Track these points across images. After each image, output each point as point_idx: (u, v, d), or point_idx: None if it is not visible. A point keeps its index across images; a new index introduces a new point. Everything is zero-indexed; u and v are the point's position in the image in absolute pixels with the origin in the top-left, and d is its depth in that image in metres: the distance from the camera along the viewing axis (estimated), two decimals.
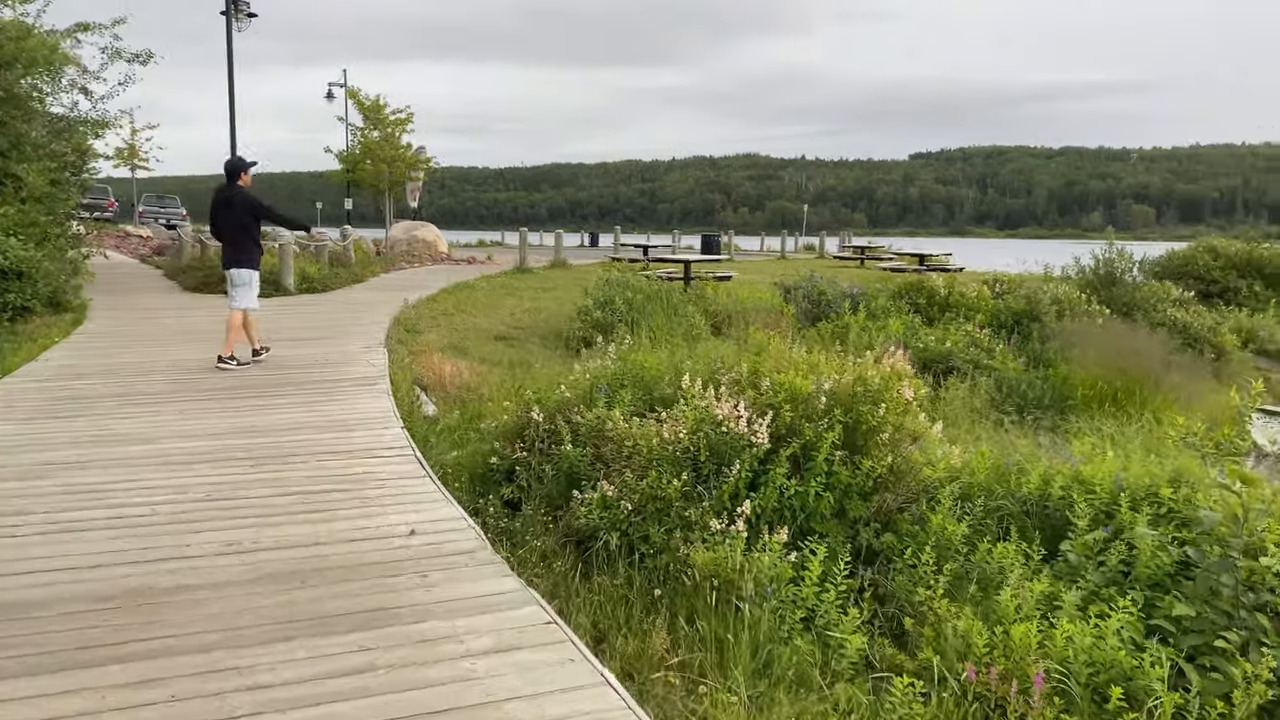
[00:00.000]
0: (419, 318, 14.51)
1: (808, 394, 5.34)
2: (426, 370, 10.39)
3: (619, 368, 6.70)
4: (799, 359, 5.94)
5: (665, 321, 13.23)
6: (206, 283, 17.30)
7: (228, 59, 19.67)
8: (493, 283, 20.74)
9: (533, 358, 12.26)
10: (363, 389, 8.24)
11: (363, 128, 25.26)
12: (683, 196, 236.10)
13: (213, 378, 8.63)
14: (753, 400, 5.44)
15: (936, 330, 14.08)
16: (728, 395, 5.40)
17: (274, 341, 11.06)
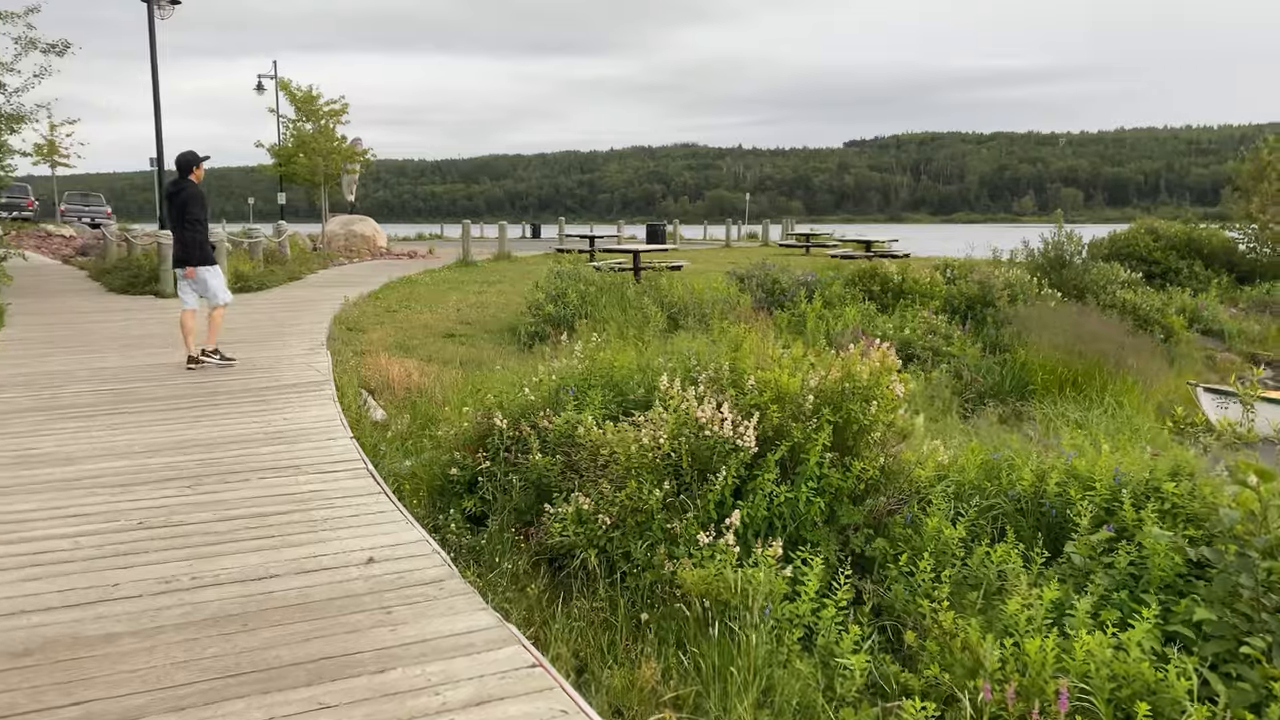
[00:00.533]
0: (361, 315, 13.92)
1: (795, 393, 4.98)
2: (373, 372, 9.86)
3: (586, 368, 6.28)
4: (781, 355, 5.57)
5: (620, 314, 12.83)
6: (133, 283, 16.48)
7: (150, 49, 18.76)
8: (436, 277, 20.15)
9: (484, 355, 11.79)
10: (307, 395, 7.71)
11: (295, 120, 24.35)
12: (622, 186, 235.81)
13: (145, 387, 8.02)
14: (735, 401, 5.06)
15: (893, 318, 13.87)
16: (709, 396, 5.01)
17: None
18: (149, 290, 16.03)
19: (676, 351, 6.44)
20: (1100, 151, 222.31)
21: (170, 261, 15.96)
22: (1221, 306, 19.79)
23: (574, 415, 5.51)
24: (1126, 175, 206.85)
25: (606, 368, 6.19)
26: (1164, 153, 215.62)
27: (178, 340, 10.74)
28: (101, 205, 40.74)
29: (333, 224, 27.43)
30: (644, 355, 6.57)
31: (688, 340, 7.46)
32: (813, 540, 4.92)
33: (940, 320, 13.91)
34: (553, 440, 5.47)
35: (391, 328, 13.15)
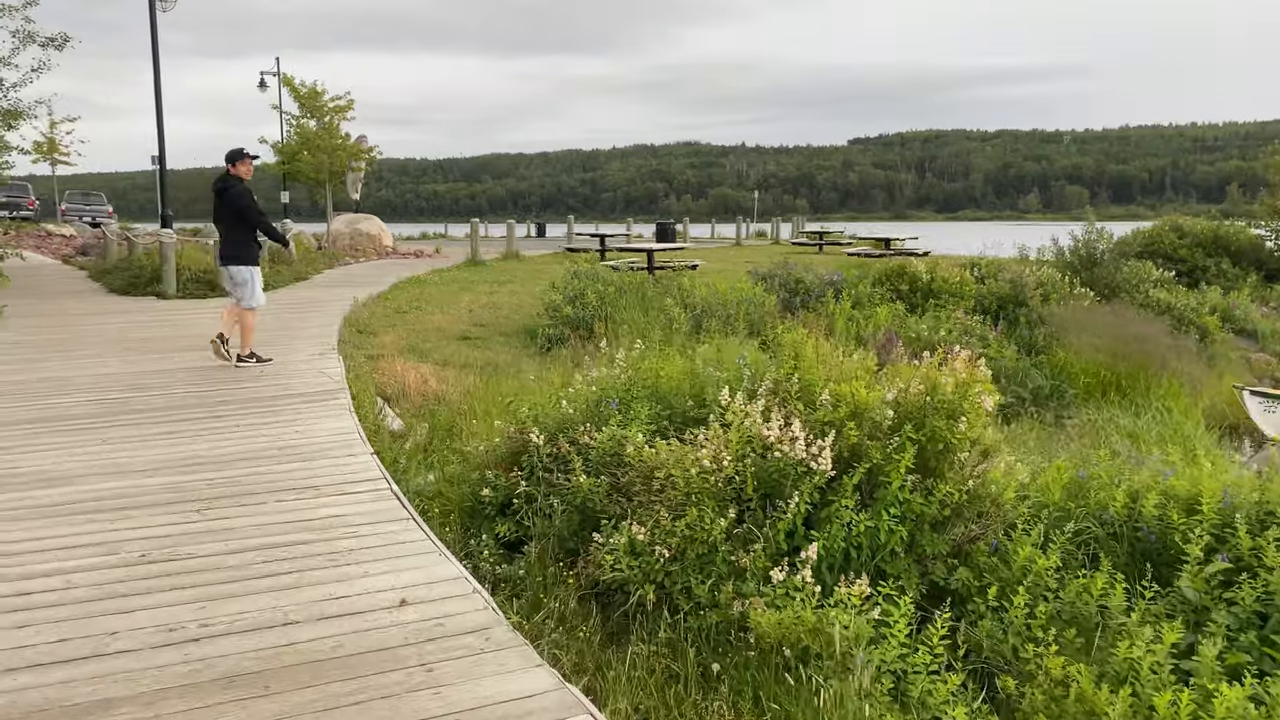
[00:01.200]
0: (371, 317, 13.40)
1: (873, 408, 4.45)
2: (388, 378, 9.34)
3: (628, 378, 5.74)
4: (854, 364, 5.04)
5: (641, 316, 12.31)
6: (134, 284, 15.96)
7: (152, 43, 18.25)
8: (445, 277, 19.62)
9: (501, 359, 11.28)
10: (320, 405, 7.18)
11: (299, 117, 23.84)
12: (625, 185, 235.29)
13: (146, 395, 7.50)
14: (804, 416, 4.53)
15: (925, 318, 13.33)
16: (775, 411, 4.49)
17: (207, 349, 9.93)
18: (150, 291, 15.51)
19: (727, 360, 5.90)
20: (1105, 149, 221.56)
21: (172, 261, 15.53)
22: (1253, 305, 19.27)
23: (619, 431, 4.98)
24: (1131, 173, 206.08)
25: (651, 377, 5.66)
26: (1169, 150, 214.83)
27: (181, 344, 10.26)
28: (103, 204, 40.26)
29: (337, 223, 26.91)
30: (691, 363, 6.03)
31: (736, 346, 6.91)
32: (893, 573, 4.40)
33: (974, 321, 13.38)
34: (595, 459, 4.94)
35: (403, 330, 12.64)
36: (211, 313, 13.34)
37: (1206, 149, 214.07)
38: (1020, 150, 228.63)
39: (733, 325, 12.38)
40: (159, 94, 19.39)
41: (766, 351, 7.36)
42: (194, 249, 17.24)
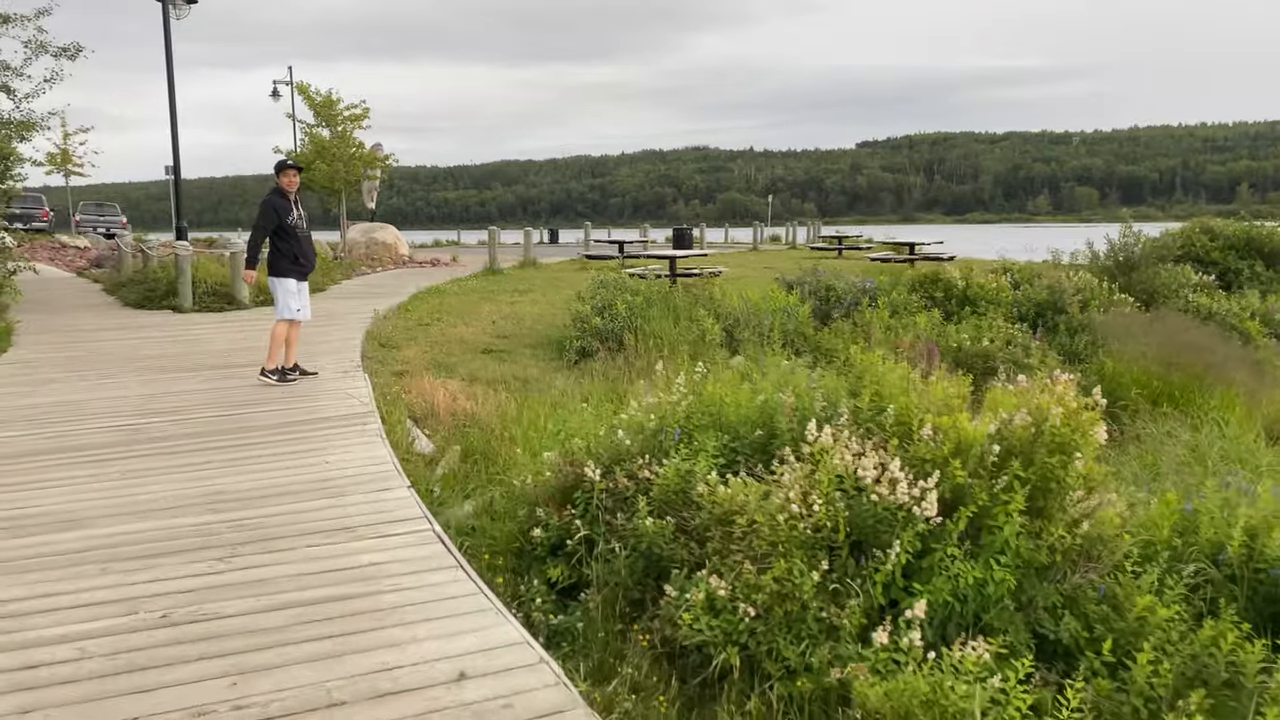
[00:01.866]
0: (393, 330, 12.98)
1: (978, 443, 3.98)
2: (415, 396, 8.91)
3: (689, 405, 5.27)
4: (944, 390, 4.56)
5: (671, 327, 11.86)
6: (150, 297, 15.57)
7: (165, 50, 17.89)
8: (464, 287, 19.21)
9: (529, 373, 10.85)
10: (350, 430, 6.74)
11: (314, 125, 23.46)
12: (634, 190, 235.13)
13: (166, 422, 7.07)
14: (897, 452, 4.07)
15: (965, 327, 12.83)
16: (868, 447, 4.02)
17: (233, 367, 9.51)
18: (166, 305, 15.12)
19: (796, 384, 5.43)
20: (1114, 150, 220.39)
21: (188, 274, 15.14)
22: None
23: (684, 465, 4.53)
24: (1141, 173, 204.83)
25: (714, 404, 5.19)
26: (1179, 150, 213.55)
27: (198, 361, 9.86)
28: (117, 215, 40.01)
29: (353, 232, 26.54)
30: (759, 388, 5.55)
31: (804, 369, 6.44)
32: (999, 626, 3.93)
33: (1016, 329, 12.89)
34: (657, 496, 4.49)
35: (426, 343, 12.22)
36: (228, 327, 12.95)
37: (1216, 149, 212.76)
38: (1029, 152, 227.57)
39: (767, 336, 11.92)
40: (173, 101, 19.04)
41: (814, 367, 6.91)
42: (209, 261, 16.86)
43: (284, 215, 8.76)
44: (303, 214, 9.05)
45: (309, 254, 9.03)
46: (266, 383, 8.55)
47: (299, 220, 8.93)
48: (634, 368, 11.10)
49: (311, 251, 9.12)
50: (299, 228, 8.92)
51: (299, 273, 8.97)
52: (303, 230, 9.00)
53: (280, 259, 8.80)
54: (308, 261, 8.97)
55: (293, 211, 8.85)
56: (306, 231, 9.06)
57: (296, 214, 8.91)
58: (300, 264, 8.90)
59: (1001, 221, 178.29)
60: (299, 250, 8.87)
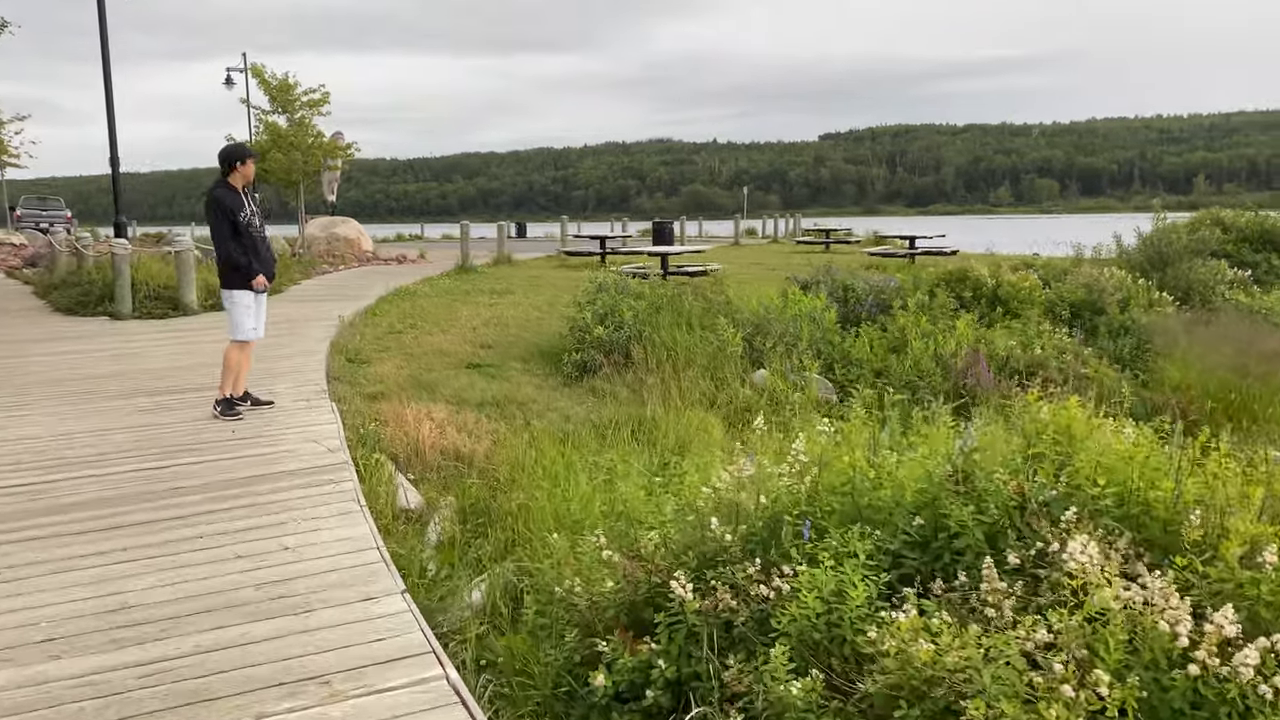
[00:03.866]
0: (362, 340, 11.36)
1: None
2: (395, 429, 7.34)
3: (813, 481, 3.73)
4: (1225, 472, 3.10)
5: (686, 337, 10.36)
6: (83, 302, 13.81)
7: (100, 25, 16.05)
8: (437, 287, 17.57)
9: (524, 393, 9.32)
10: (315, 491, 5.15)
11: (269, 111, 21.64)
12: (597, 183, 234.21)
13: (74, 477, 5.44)
14: (1181, 575, 2.59)
15: (1009, 331, 11.45)
16: (1147, 573, 2.54)
17: (172, 392, 7.86)
18: (101, 310, 13.38)
19: (935, 443, 3.94)
20: (1074, 141, 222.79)
21: (126, 276, 13.39)
22: None
23: (827, 579, 3.01)
24: (1100, 165, 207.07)
25: (842, 477, 3.66)
26: (1136, 142, 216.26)
27: (131, 384, 8.20)
28: (60, 209, 37.65)
29: (312, 226, 24.74)
30: (931, 452, 4.04)
31: (943, 427, 4.96)
32: None
33: (1065, 336, 11.53)
34: (789, 628, 2.99)
35: (400, 356, 10.62)
36: (170, 337, 11.26)
37: (1172, 140, 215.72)
38: (990, 144, 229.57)
39: (793, 348, 10.45)
40: (109, 89, 17.16)
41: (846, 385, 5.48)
42: (152, 260, 15.08)
43: (236, 211, 7.03)
44: (257, 210, 7.30)
45: (267, 259, 7.31)
46: (214, 417, 6.94)
47: (251, 216, 7.14)
48: (645, 385, 9.60)
49: (270, 256, 7.40)
50: (254, 226, 7.16)
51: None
52: (258, 230, 7.24)
53: (233, 270, 7.11)
54: (264, 265, 7.27)
55: (245, 207, 7.10)
56: (262, 231, 7.33)
57: (250, 210, 7.14)
58: (255, 268, 7.23)
59: (964, 213, 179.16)
60: (253, 251, 7.15)
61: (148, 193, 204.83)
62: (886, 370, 10.70)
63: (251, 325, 7.25)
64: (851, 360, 10.87)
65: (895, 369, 10.35)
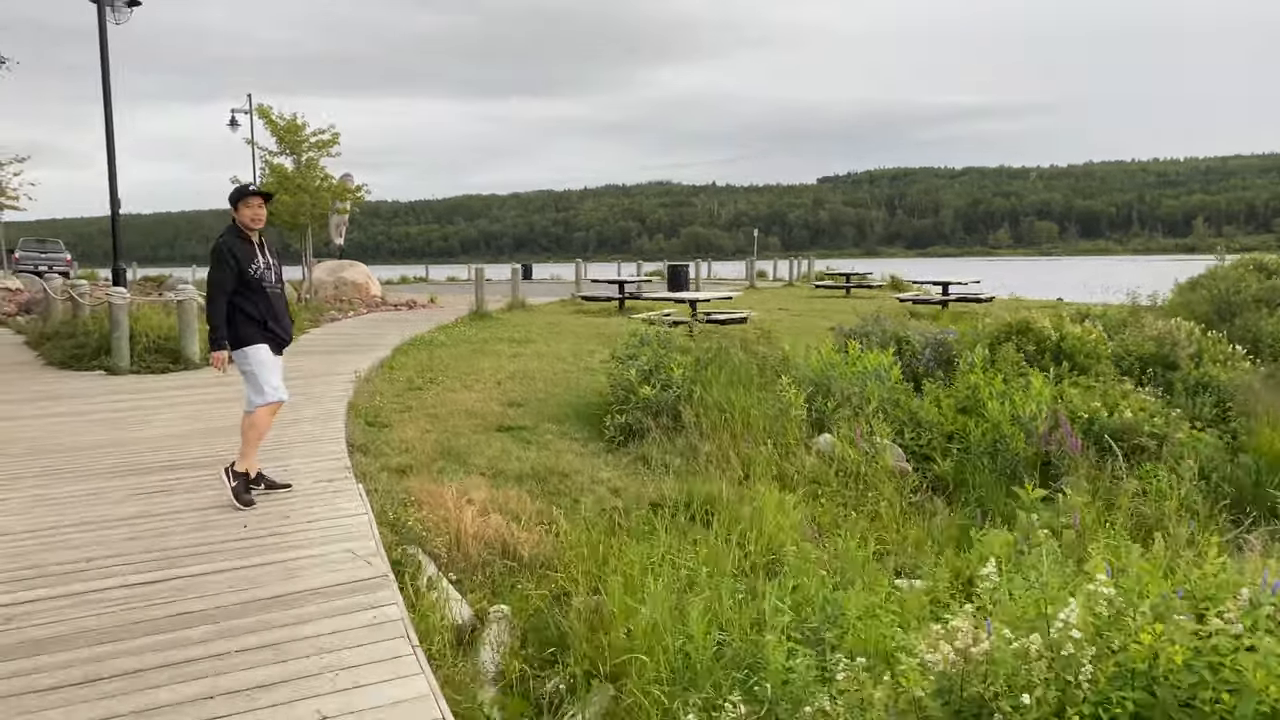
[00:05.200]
0: (381, 400, 10.38)
1: None
2: (429, 512, 6.33)
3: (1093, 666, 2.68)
4: None
5: (742, 397, 9.36)
6: (78, 355, 12.84)
7: (101, 57, 15.22)
8: (453, 335, 16.61)
9: (565, 462, 8.33)
10: (351, 623, 4.06)
11: (276, 152, 20.81)
12: (597, 224, 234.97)
13: (43, 602, 4.42)
14: None
15: (1090, 392, 10.46)
16: None
17: (172, 469, 6.84)
18: (97, 364, 12.41)
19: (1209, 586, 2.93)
20: (1071, 184, 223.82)
21: (124, 327, 12.43)
22: None
23: None
24: (1098, 208, 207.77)
25: (1138, 660, 2.62)
26: (1134, 185, 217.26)
27: (128, 460, 7.17)
28: (60, 252, 36.62)
29: (319, 270, 23.83)
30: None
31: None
32: None
33: (1152, 397, 10.55)
34: None
35: (424, 418, 9.63)
36: (172, 396, 10.26)
37: (1170, 184, 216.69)
38: (988, 186, 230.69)
39: (860, 409, 9.47)
40: (110, 128, 16.33)
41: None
42: (152, 310, 14.14)
43: (245, 262, 6.01)
44: (273, 261, 6.27)
45: (283, 315, 6.26)
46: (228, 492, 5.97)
47: (265, 270, 6.14)
48: (701, 453, 8.60)
49: (285, 312, 6.35)
50: (266, 280, 6.14)
51: (272, 340, 6.21)
52: (271, 283, 6.19)
53: (245, 323, 6.04)
54: (281, 326, 6.22)
55: (257, 258, 6.10)
56: (278, 285, 6.30)
57: (263, 261, 6.14)
58: (271, 329, 6.16)
59: (963, 255, 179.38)
60: (267, 310, 6.14)
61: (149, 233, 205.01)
62: (961, 435, 9.72)
63: (275, 382, 6.18)
64: (920, 423, 9.89)
65: (974, 434, 9.35)
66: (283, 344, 6.28)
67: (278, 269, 6.33)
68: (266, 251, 6.24)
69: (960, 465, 9.33)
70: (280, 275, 6.37)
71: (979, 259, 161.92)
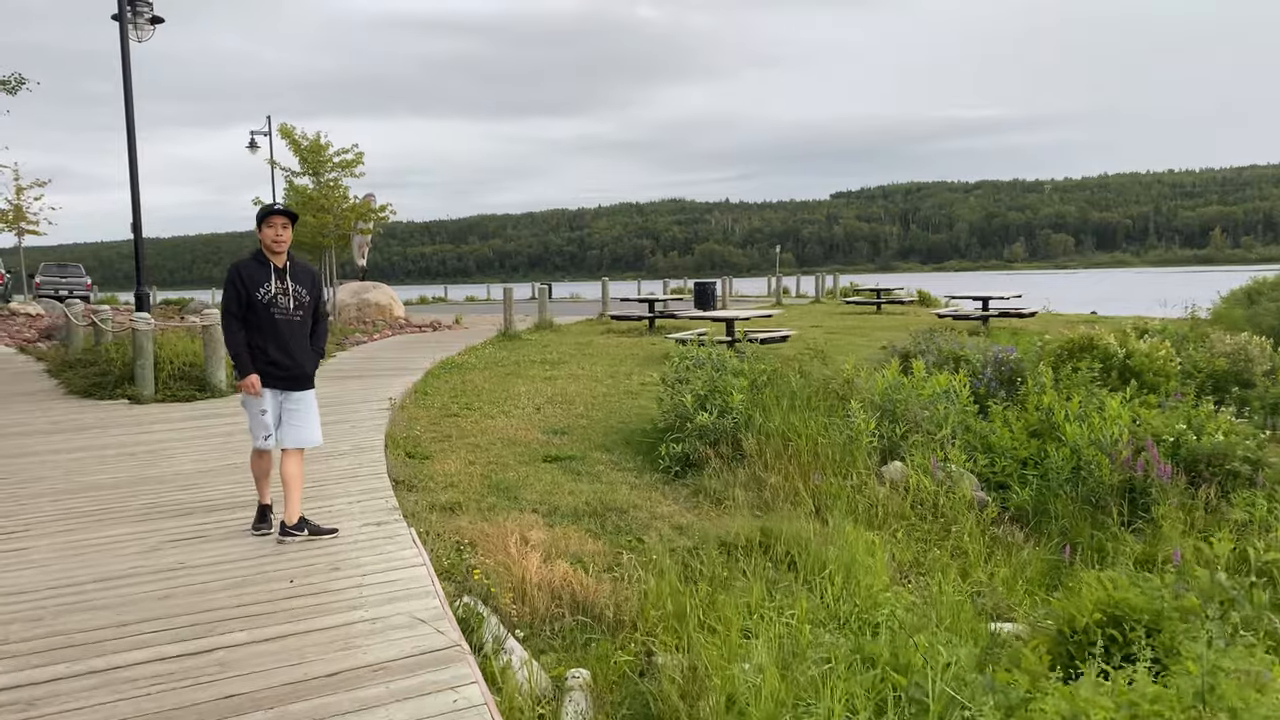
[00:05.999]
0: (418, 428, 9.85)
1: None
2: (485, 555, 5.76)
3: None
4: None
5: (803, 422, 8.76)
6: (100, 384, 12.36)
7: (124, 77, 14.82)
8: (484, 357, 16.09)
9: (621, 495, 7.76)
10: (424, 710, 3.51)
11: (300, 173, 20.39)
12: (611, 243, 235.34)
13: (77, 675, 3.87)
14: None
15: (1174, 414, 9.81)
16: None
17: (208, 510, 6.29)
18: (120, 393, 11.92)
19: None
20: (1086, 197, 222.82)
21: (149, 354, 11.95)
22: None
23: None
24: (1114, 219, 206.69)
25: None
26: (1150, 197, 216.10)
27: (154, 502, 6.62)
28: (81, 276, 36.23)
29: (342, 292, 23.39)
30: None
31: None
32: None
33: (1229, 415, 9.89)
34: None
35: (465, 448, 9.08)
36: (199, 427, 9.75)
37: (1186, 195, 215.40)
38: (1002, 200, 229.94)
39: (932, 434, 8.86)
40: (133, 149, 15.91)
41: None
42: (176, 336, 13.66)
43: (252, 286, 5.57)
44: (294, 287, 5.72)
45: (290, 346, 5.70)
46: (294, 541, 5.55)
47: (278, 295, 5.63)
48: (767, 486, 8.00)
49: (301, 344, 5.79)
50: (277, 305, 5.62)
51: (274, 373, 5.69)
52: (285, 310, 5.66)
53: (242, 353, 5.63)
54: (286, 357, 5.68)
55: (269, 282, 5.62)
56: (291, 311, 5.71)
57: (277, 286, 5.63)
58: (273, 359, 5.64)
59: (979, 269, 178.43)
60: (273, 338, 5.62)
61: (169, 257, 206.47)
62: (1036, 460, 9.09)
63: (264, 433, 5.72)
64: (991, 448, 9.27)
65: (1054, 460, 8.71)
66: (292, 377, 5.74)
67: (302, 296, 5.77)
68: (290, 276, 5.72)
69: (1040, 494, 8.70)
70: (306, 303, 5.80)
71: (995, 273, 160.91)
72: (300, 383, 5.79)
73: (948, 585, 6.28)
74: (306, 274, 5.89)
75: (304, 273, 5.87)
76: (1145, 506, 8.38)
